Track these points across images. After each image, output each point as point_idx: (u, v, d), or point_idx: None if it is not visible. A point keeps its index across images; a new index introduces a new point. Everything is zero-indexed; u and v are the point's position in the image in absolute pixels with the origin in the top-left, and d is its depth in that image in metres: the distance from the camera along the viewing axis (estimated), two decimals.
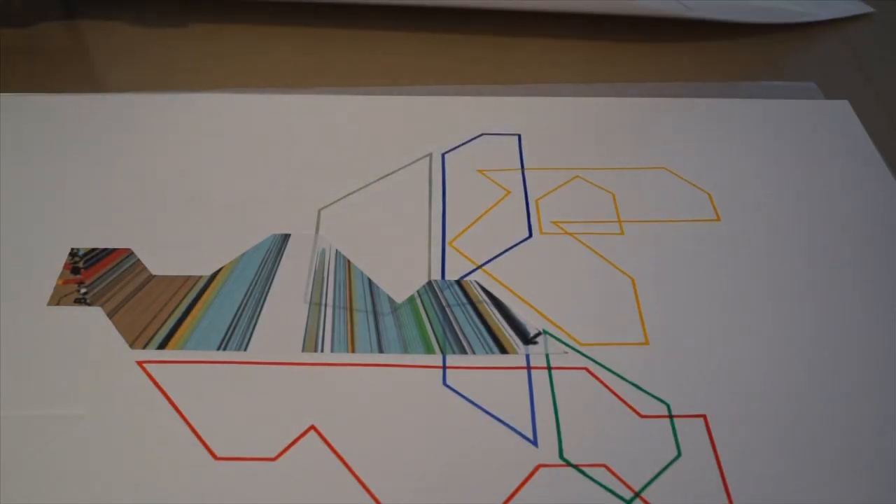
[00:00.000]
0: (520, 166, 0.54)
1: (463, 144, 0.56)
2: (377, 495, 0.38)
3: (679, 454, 0.39)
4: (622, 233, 0.49)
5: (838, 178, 0.54)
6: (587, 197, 0.52)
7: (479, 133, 0.57)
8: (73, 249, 0.48)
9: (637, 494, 0.38)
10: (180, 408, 0.41)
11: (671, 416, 0.40)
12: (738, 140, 0.56)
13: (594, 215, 0.50)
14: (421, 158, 0.54)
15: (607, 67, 0.65)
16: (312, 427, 0.40)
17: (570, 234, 0.49)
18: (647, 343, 0.43)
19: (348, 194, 0.51)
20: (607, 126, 0.57)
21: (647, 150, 0.55)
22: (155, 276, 0.47)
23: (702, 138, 0.57)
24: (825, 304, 0.46)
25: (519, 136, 0.56)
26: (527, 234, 0.49)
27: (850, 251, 0.49)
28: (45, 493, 0.38)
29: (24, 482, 0.38)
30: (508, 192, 0.52)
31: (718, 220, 0.50)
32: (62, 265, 0.47)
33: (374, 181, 0.53)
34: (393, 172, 0.53)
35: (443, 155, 0.55)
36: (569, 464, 0.39)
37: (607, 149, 0.56)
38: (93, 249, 0.48)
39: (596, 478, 0.38)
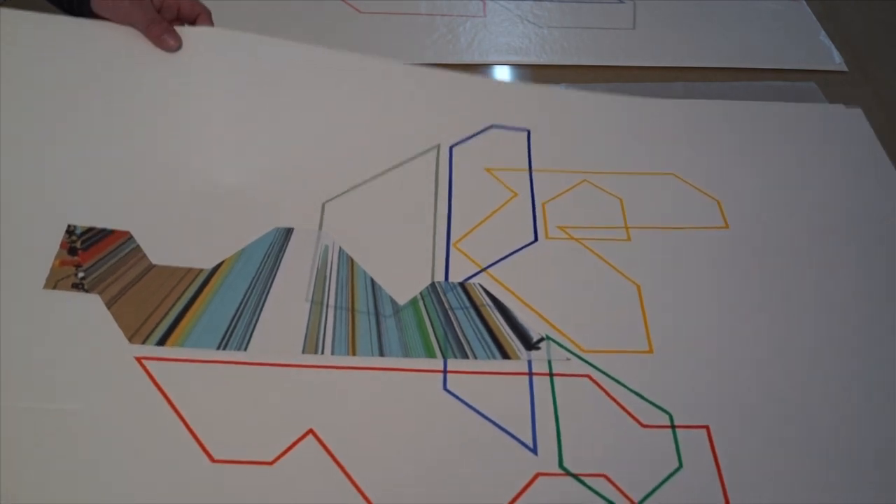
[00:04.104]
0: (528, 166, 0.53)
1: (472, 137, 0.54)
2: (375, 503, 0.37)
3: (680, 466, 0.38)
4: (629, 239, 0.48)
5: (850, 187, 0.53)
6: (594, 201, 0.51)
7: (489, 124, 0.55)
8: (70, 226, 0.47)
9: None
10: (178, 408, 0.40)
11: (673, 427, 0.40)
12: (749, 146, 0.56)
13: (601, 220, 0.50)
14: (428, 151, 0.53)
15: None
16: (311, 431, 0.39)
17: (576, 239, 0.48)
18: (650, 351, 0.43)
19: (353, 187, 0.51)
20: (617, 126, 0.57)
21: (655, 154, 0.55)
22: (155, 265, 0.46)
23: (711, 143, 0.56)
24: (835, 318, 0.45)
25: (528, 133, 0.55)
26: (532, 239, 0.48)
27: (862, 264, 0.48)
28: (37, 488, 0.37)
29: (16, 475, 0.38)
30: (515, 195, 0.51)
31: (727, 227, 0.49)
32: (59, 241, 0.46)
33: (380, 174, 0.52)
34: (399, 165, 0.52)
35: (450, 148, 0.54)
36: (568, 473, 0.38)
37: (616, 150, 0.55)
38: (90, 229, 0.47)
39: (595, 488, 0.38)
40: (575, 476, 0.38)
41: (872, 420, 0.41)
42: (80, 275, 0.45)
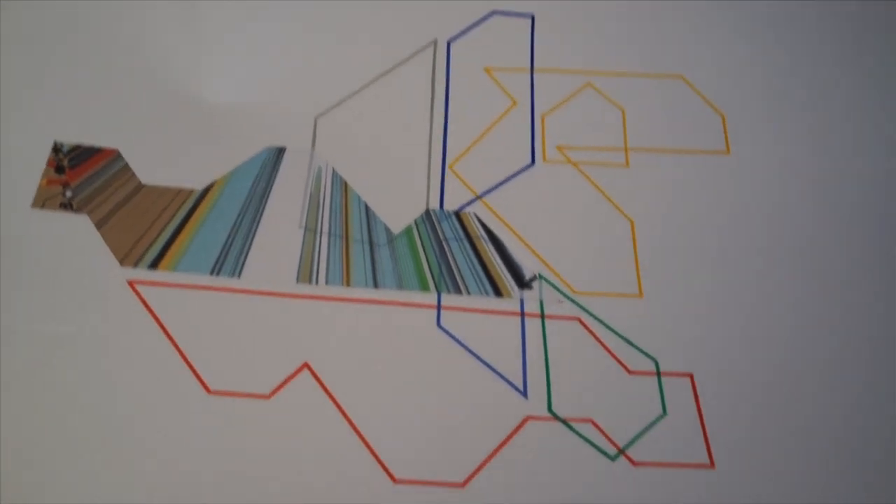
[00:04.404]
0: (529, 64, 0.51)
1: (471, 28, 0.52)
2: (368, 440, 0.39)
3: (664, 413, 0.40)
4: (627, 164, 0.48)
5: (872, 110, 0.50)
6: (596, 113, 0.49)
7: (490, 11, 0.53)
8: (56, 143, 0.46)
9: (621, 451, 0.39)
10: (174, 336, 0.41)
11: (659, 374, 0.41)
12: (764, 42, 0.53)
13: (601, 139, 0.48)
14: (425, 48, 0.51)
15: None
16: (306, 365, 0.40)
17: (574, 162, 0.47)
18: (640, 295, 0.43)
19: (347, 97, 0.49)
20: (626, 10, 0.53)
21: (664, 50, 0.52)
22: (144, 185, 0.45)
23: (725, 38, 0.53)
24: (838, 263, 0.45)
25: (532, 19, 0.53)
26: (529, 162, 0.47)
27: (877, 205, 0.47)
28: (30, 413, 0.38)
29: (8, 398, 0.38)
30: (515, 103, 0.49)
31: (728, 152, 0.48)
32: (45, 160, 0.45)
33: (375, 78, 0.50)
34: (395, 67, 0.50)
35: (448, 43, 0.51)
36: (556, 417, 0.40)
37: (624, 39, 0.52)
38: (77, 146, 0.46)
39: (582, 433, 0.39)
40: (563, 421, 0.40)
41: (862, 382, 0.42)
42: (68, 194, 0.44)
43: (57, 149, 0.46)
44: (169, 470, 0.37)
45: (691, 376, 0.41)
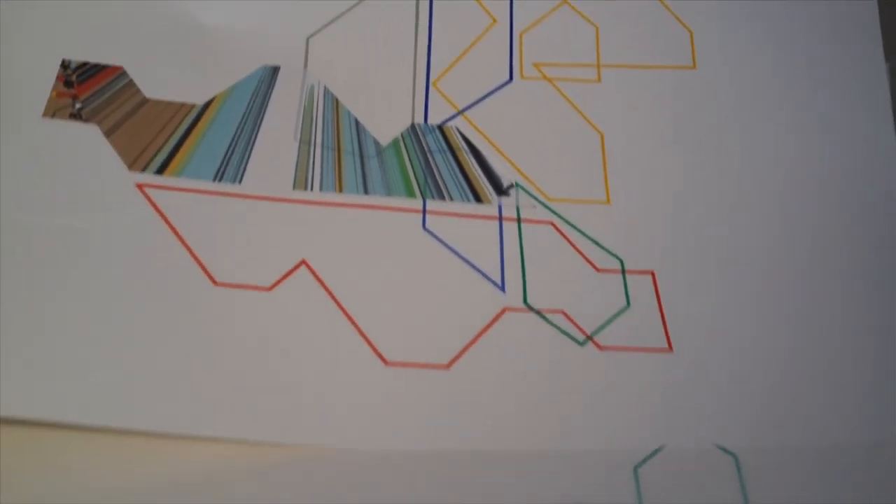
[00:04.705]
0: None
1: None
2: (362, 327, 0.42)
3: (628, 304, 0.44)
4: (599, 79, 0.51)
5: (838, 29, 0.52)
6: (571, 30, 0.52)
7: None
8: (64, 60, 0.49)
9: (589, 337, 0.43)
10: (180, 232, 0.44)
11: (623, 272, 0.45)
12: None
13: (574, 56, 0.52)
14: None
15: None
16: (304, 262, 0.44)
17: (549, 79, 0.51)
18: (608, 202, 0.47)
19: (336, 17, 0.52)
20: None
21: None
22: (149, 99, 0.48)
23: None
24: (797, 171, 0.48)
25: None
26: (507, 78, 0.51)
27: (838, 119, 0.49)
28: (39, 303, 0.41)
29: (21, 286, 0.41)
30: (495, 21, 0.53)
31: (694, 67, 0.51)
32: (54, 76, 0.48)
33: None
34: None
35: None
36: (531, 309, 0.44)
37: None
38: (84, 63, 0.49)
39: (554, 322, 0.43)
40: (537, 312, 0.44)
41: (818, 276, 0.45)
42: (78, 105, 0.47)
43: (65, 65, 0.49)
44: (176, 352, 0.41)
45: (653, 273, 0.45)
